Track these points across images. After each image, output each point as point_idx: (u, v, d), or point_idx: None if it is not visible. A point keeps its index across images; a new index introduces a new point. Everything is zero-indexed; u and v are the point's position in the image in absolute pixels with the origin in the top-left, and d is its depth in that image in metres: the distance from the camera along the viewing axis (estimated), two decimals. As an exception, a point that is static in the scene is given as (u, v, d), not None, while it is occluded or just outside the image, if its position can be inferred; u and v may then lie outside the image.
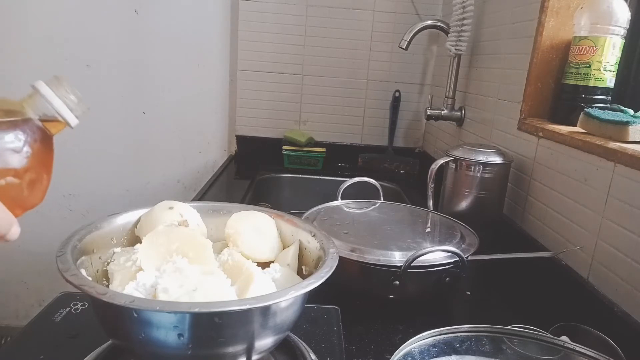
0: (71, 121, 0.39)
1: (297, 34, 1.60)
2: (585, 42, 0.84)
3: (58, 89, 0.38)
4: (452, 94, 1.33)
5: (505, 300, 0.81)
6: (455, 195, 0.98)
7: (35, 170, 0.35)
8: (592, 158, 0.74)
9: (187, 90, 1.65)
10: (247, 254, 0.54)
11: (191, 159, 1.72)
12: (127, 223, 0.56)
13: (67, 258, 0.43)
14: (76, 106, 0.39)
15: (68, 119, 0.38)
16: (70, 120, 0.38)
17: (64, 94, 0.38)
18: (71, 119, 0.39)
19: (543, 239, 0.88)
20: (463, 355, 0.52)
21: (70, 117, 0.38)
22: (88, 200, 1.43)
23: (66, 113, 0.38)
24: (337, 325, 0.63)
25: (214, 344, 0.41)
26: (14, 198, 0.34)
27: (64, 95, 0.38)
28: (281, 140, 1.62)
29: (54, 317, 0.60)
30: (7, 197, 0.33)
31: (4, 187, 0.33)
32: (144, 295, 0.44)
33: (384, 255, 0.70)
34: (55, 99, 0.38)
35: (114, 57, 1.56)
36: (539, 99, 0.96)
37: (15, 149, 0.34)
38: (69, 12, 1.51)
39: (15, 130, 0.34)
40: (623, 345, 0.57)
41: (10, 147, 0.34)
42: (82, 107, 0.39)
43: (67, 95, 0.38)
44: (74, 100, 0.39)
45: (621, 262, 0.66)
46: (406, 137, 1.73)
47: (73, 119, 0.39)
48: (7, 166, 0.33)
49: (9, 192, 0.34)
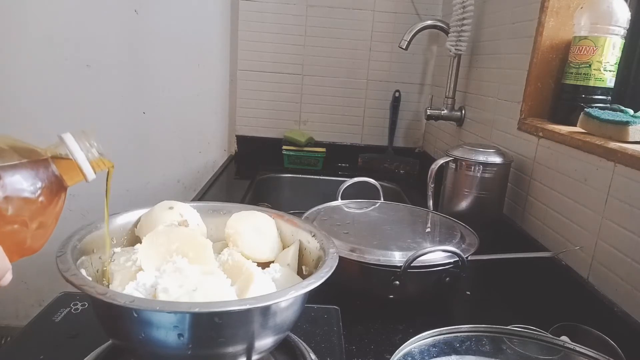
0: (89, 176, 0.39)
1: (297, 34, 1.60)
2: (585, 42, 0.84)
3: (83, 142, 0.38)
4: (452, 94, 1.33)
5: (505, 300, 0.81)
6: (455, 195, 0.98)
7: (44, 221, 0.35)
8: (592, 158, 0.74)
9: (187, 90, 1.65)
10: (247, 254, 0.54)
11: (191, 159, 1.72)
12: (127, 223, 0.56)
13: (67, 258, 0.43)
14: (97, 162, 0.39)
15: (87, 173, 0.39)
16: (88, 175, 0.39)
17: (87, 148, 0.39)
18: (90, 174, 0.39)
19: (543, 239, 0.88)
20: (463, 355, 0.52)
21: (89, 172, 0.39)
22: (88, 200, 1.43)
23: (86, 167, 0.38)
24: (337, 325, 0.63)
25: (214, 344, 0.41)
26: (16, 244, 0.33)
27: (87, 149, 0.39)
28: (281, 140, 1.62)
29: (54, 317, 0.60)
30: (10, 243, 0.33)
31: (10, 232, 0.33)
32: (144, 295, 0.44)
33: (384, 255, 0.70)
34: (79, 152, 0.38)
35: (114, 57, 1.57)
36: (539, 99, 0.96)
37: (31, 197, 0.33)
38: (69, 12, 1.51)
39: (34, 178, 0.34)
40: (623, 345, 0.57)
41: (27, 195, 0.33)
42: (102, 164, 0.40)
43: (90, 150, 0.39)
44: (96, 156, 0.39)
45: (621, 262, 0.66)
46: (406, 137, 1.73)
47: (91, 174, 0.39)
48: (19, 213, 0.33)
49: (13, 237, 0.33)
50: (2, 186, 0.31)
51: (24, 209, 0.33)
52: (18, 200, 0.33)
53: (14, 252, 0.33)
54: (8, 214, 0.32)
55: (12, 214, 0.32)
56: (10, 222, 0.32)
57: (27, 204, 0.33)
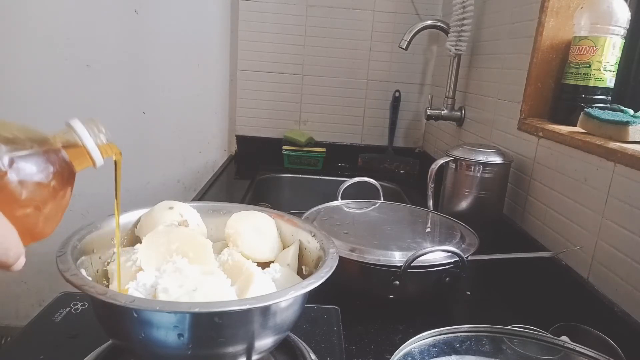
0: (98, 161, 0.40)
1: (297, 34, 1.60)
2: (585, 42, 0.84)
3: (91, 128, 0.39)
4: (452, 94, 1.33)
5: (505, 300, 0.81)
6: (455, 195, 0.98)
7: (55, 204, 0.36)
8: (592, 158, 0.74)
9: (187, 90, 1.65)
10: (247, 254, 0.54)
11: (191, 159, 1.72)
12: (127, 223, 0.56)
13: (67, 258, 0.43)
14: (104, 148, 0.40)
15: (96, 159, 0.39)
16: (97, 160, 0.40)
17: (96, 133, 0.40)
18: (99, 160, 0.40)
19: (543, 239, 0.88)
20: (463, 355, 0.52)
21: (98, 157, 0.40)
22: (88, 200, 1.43)
23: (95, 153, 0.39)
24: (337, 325, 0.63)
25: (214, 344, 0.41)
26: (28, 228, 0.34)
27: (95, 134, 0.39)
28: (281, 140, 1.62)
29: (54, 317, 0.60)
30: (23, 227, 0.33)
31: (24, 216, 0.33)
32: (144, 295, 0.44)
33: (384, 255, 0.70)
34: (88, 138, 0.39)
35: (114, 57, 1.56)
36: (539, 99, 0.96)
37: (43, 181, 0.34)
38: (69, 12, 1.50)
39: (46, 163, 0.35)
40: (623, 345, 0.57)
41: (39, 179, 0.34)
42: (110, 150, 0.41)
43: (99, 135, 0.40)
44: (104, 142, 0.40)
45: (621, 262, 0.66)
46: (406, 137, 1.73)
47: (100, 160, 0.40)
48: (32, 197, 0.33)
49: (26, 222, 0.34)
50: (16, 170, 0.32)
51: (37, 193, 0.34)
52: (32, 185, 0.33)
53: (27, 236, 0.34)
54: (22, 197, 0.33)
55: (26, 197, 0.33)
56: (24, 206, 0.33)
57: (40, 188, 0.34)
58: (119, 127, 1.61)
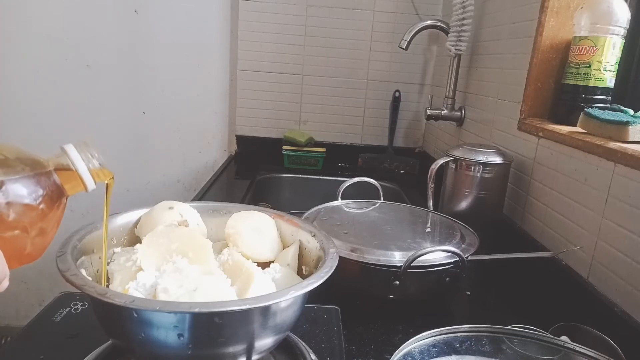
0: (90, 186, 0.40)
1: (297, 34, 1.60)
2: (585, 42, 0.84)
3: (84, 153, 0.40)
4: (452, 94, 1.33)
5: (505, 300, 0.81)
6: (455, 195, 0.98)
7: (45, 228, 0.36)
8: (592, 158, 0.74)
9: (187, 90, 1.65)
10: (247, 254, 0.54)
11: (191, 159, 1.72)
12: (127, 223, 0.56)
13: (67, 258, 0.43)
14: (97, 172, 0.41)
15: (87, 184, 0.40)
16: (89, 185, 0.40)
17: (88, 158, 0.40)
18: (90, 184, 0.40)
19: (543, 239, 0.88)
20: (463, 355, 0.52)
21: (90, 182, 0.40)
22: (88, 200, 1.43)
23: (87, 177, 0.40)
24: (337, 325, 0.63)
25: (214, 344, 0.41)
26: (16, 250, 0.34)
27: (88, 159, 0.40)
28: (281, 140, 1.62)
29: (54, 317, 0.60)
30: (11, 248, 0.34)
31: (11, 238, 0.33)
32: (144, 295, 0.44)
33: (384, 255, 0.70)
34: (81, 162, 0.39)
35: (114, 57, 1.56)
36: (539, 99, 0.96)
37: (32, 204, 0.34)
38: (69, 12, 1.51)
39: (36, 186, 0.35)
40: (623, 345, 0.57)
41: (28, 201, 0.34)
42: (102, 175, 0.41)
43: (91, 160, 0.40)
44: (97, 166, 0.40)
45: (621, 262, 0.66)
46: (406, 137, 1.73)
47: (92, 184, 0.40)
48: (20, 219, 0.34)
49: (13, 243, 0.34)
50: (5, 192, 0.32)
51: (25, 215, 0.34)
52: (20, 207, 0.34)
53: (13, 258, 0.34)
54: (9, 219, 0.33)
55: (14, 219, 0.33)
56: (12, 228, 0.33)
57: (29, 210, 0.34)
58: (119, 127, 1.62)
